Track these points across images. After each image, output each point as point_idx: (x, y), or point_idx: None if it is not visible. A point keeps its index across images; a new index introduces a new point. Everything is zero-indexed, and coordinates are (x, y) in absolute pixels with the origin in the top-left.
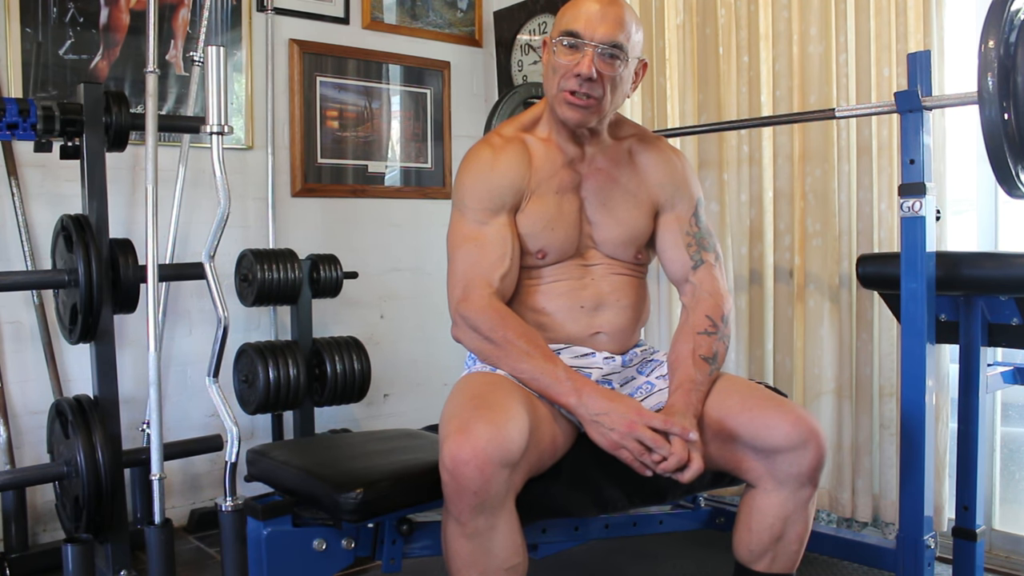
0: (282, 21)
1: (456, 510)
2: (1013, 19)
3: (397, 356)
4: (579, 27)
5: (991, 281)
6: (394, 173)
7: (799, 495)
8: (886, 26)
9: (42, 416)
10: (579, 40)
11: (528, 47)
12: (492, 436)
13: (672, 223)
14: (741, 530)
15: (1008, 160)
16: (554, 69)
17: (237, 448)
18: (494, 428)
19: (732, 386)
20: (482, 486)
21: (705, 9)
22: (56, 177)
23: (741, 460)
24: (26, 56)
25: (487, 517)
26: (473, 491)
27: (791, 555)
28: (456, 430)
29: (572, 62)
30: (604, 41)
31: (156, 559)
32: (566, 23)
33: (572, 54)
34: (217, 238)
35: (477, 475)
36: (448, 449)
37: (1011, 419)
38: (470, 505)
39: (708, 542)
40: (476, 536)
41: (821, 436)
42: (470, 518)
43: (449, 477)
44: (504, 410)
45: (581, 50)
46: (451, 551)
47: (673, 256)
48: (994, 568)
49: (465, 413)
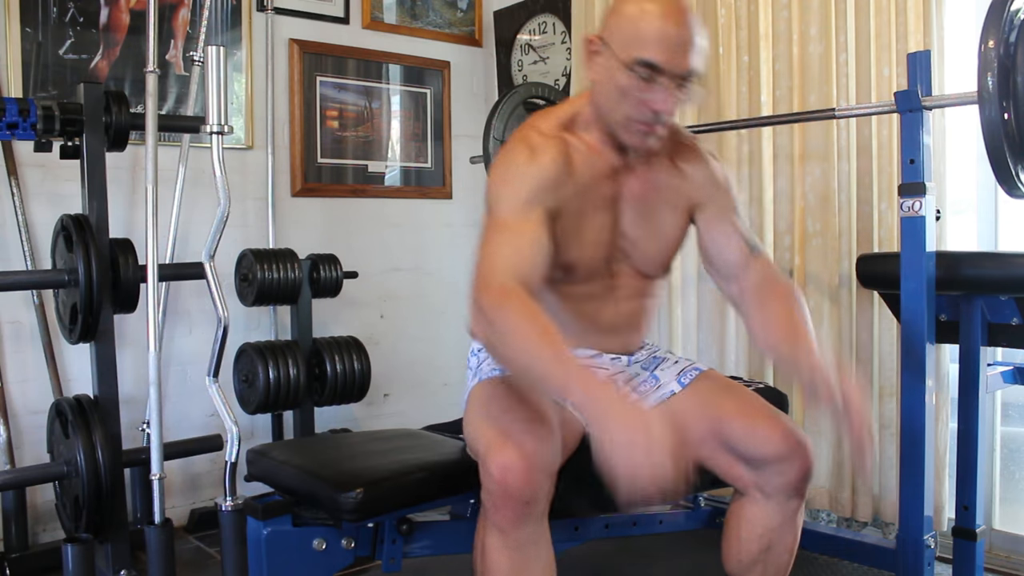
0: (282, 21)
1: (501, 520)
2: (1013, 19)
3: (397, 356)
4: (659, 59)
5: (991, 281)
6: (394, 173)
7: (787, 507)
8: (886, 26)
9: (42, 416)
10: (659, 75)
11: (528, 47)
12: (538, 444)
13: (718, 215)
14: (730, 540)
15: (1008, 160)
16: (622, 93)
17: (237, 448)
18: (538, 436)
19: (730, 390)
20: (532, 495)
21: (705, 9)
22: (56, 177)
23: (731, 466)
24: (26, 56)
25: (532, 527)
26: (524, 500)
27: (781, 566)
28: (498, 439)
29: (648, 96)
30: (685, 73)
31: (156, 559)
32: (640, 48)
33: (648, 87)
34: (217, 238)
35: (526, 484)
36: (495, 458)
37: (1011, 419)
38: (517, 515)
39: (708, 542)
40: (520, 547)
41: (808, 449)
42: (514, 528)
43: (496, 486)
44: (540, 416)
45: (659, 82)
46: (490, 563)
47: (725, 244)
48: (994, 568)
49: (502, 421)
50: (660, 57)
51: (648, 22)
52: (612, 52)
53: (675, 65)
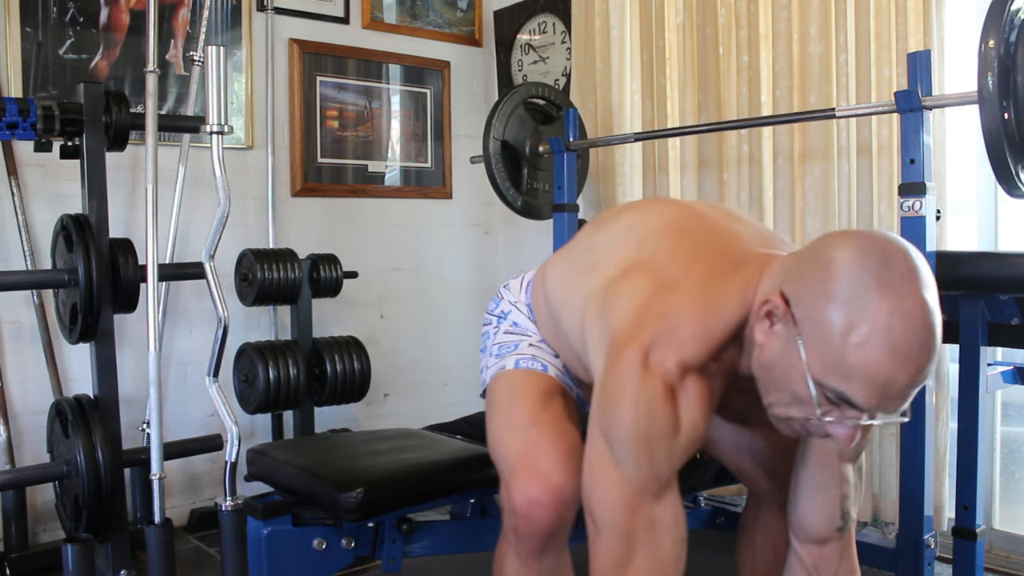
0: (282, 21)
1: (524, 552)
2: (1013, 19)
3: (397, 356)
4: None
5: (991, 281)
6: (394, 173)
7: None
8: (886, 26)
9: (42, 416)
10: (856, 412)
11: (528, 47)
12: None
13: (830, 460)
14: (745, 548)
15: (1008, 159)
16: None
17: (237, 448)
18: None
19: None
20: (558, 528)
21: (705, 9)
22: (56, 177)
23: (753, 473)
24: (26, 56)
25: (555, 556)
26: (550, 533)
27: None
28: (524, 464)
29: (829, 424)
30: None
31: (156, 559)
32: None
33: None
34: (217, 238)
35: (553, 517)
36: (521, 489)
37: (1011, 419)
38: (540, 547)
39: (708, 542)
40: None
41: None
42: (537, 560)
43: (521, 521)
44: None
45: (851, 417)
46: None
47: (817, 503)
48: (994, 568)
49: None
50: (867, 402)
51: (873, 358)
52: (801, 347)
53: (883, 409)
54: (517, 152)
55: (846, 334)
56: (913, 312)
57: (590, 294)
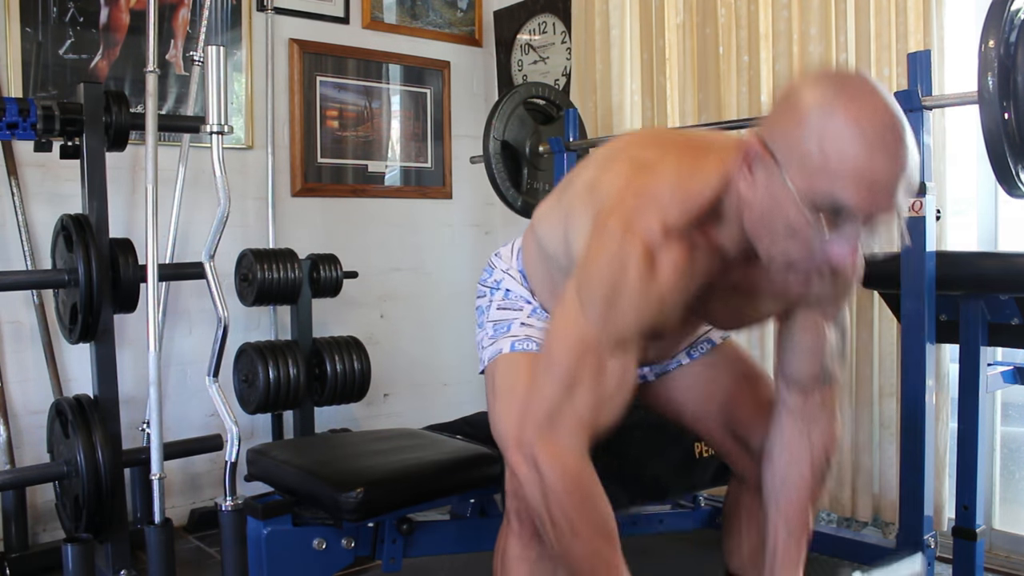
0: (282, 21)
1: (527, 535)
2: (1013, 19)
3: (397, 356)
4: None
5: (991, 280)
6: (394, 173)
7: None
8: (886, 26)
9: (42, 416)
10: (850, 219)
11: (528, 47)
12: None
13: (814, 326)
14: (731, 534)
15: (1008, 160)
16: (790, 231)
17: (237, 448)
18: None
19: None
20: None
21: (705, 9)
22: (56, 177)
23: (733, 449)
24: (26, 56)
25: None
26: None
27: None
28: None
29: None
30: (885, 216)
31: (156, 559)
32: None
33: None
34: (217, 238)
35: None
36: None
37: (1011, 419)
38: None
39: (708, 542)
40: (541, 560)
41: None
42: (539, 542)
43: (522, 501)
44: None
45: (846, 228)
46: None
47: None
48: (994, 568)
49: None
50: (858, 201)
51: (848, 151)
52: (784, 174)
53: (875, 210)
54: (517, 152)
55: (820, 141)
56: (876, 106)
57: (572, 200)
